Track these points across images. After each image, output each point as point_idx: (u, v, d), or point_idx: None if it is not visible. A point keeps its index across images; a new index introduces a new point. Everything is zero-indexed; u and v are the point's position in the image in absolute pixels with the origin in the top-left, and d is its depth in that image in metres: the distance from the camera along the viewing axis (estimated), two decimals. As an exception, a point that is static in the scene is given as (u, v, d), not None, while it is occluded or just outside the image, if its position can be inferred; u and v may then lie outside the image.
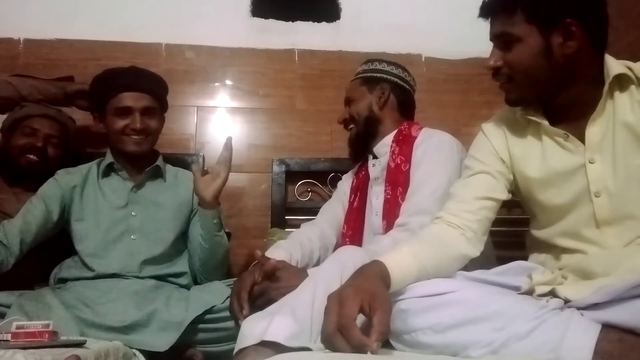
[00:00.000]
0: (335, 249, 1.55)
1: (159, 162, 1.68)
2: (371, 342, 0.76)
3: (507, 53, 1.09)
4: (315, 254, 1.49)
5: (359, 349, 0.76)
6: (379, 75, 1.61)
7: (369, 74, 1.63)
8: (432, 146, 1.46)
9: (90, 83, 1.66)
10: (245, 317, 1.15)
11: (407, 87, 1.64)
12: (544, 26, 1.04)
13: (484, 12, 1.13)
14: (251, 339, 0.95)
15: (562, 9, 1.03)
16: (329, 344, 0.79)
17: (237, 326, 1.09)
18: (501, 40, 1.10)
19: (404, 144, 1.51)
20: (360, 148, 1.62)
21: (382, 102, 1.58)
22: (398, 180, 1.46)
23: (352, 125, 1.61)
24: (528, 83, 1.09)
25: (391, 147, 1.53)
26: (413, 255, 1.00)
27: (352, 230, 1.57)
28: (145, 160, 1.65)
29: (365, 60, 1.68)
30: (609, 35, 1.08)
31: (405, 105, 1.63)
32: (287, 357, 0.84)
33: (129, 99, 1.58)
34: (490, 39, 1.14)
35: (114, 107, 1.58)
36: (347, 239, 1.55)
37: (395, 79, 1.61)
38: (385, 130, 1.58)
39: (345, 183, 1.72)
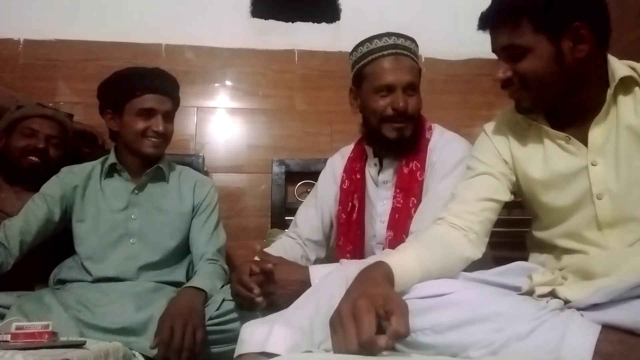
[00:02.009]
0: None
1: (162, 163, 1.64)
2: (386, 340, 0.75)
3: (517, 64, 1.06)
4: (299, 262, 1.43)
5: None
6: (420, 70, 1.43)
7: (417, 66, 1.42)
8: (450, 159, 1.34)
9: (110, 77, 1.61)
10: (258, 295, 1.16)
11: None
12: (553, 33, 1.02)
13: (485, 24, 1.09)
14: (250, 346, 0.93)
15: (569, 13, 1.01)
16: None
17: (248, 311, 1.08)
18: (507, 52, 1.07)
19: (418, 147, 1.39)
20: (405, 148, 1.40)
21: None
22: (412, 190, 1.35)
23: (408, 123, 1.37)
24: (542, 91, 1.07)
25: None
26: (417, 257, 0.99)
27: (353, 245, 1.44)
28: (149, 161, 1.62)
29: (410, 37, 1.42)
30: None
31: None
32: (288, 357, 0.84)
33: (154, 101, 1.55)
34: (494, 51, 1.11)
35: (137, 107, 1.54)
36: (348, 255, 1.42)
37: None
38: None
39: (330, 186, 1.55)
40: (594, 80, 1.06)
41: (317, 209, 1.55)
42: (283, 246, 1.47)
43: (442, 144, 1.39)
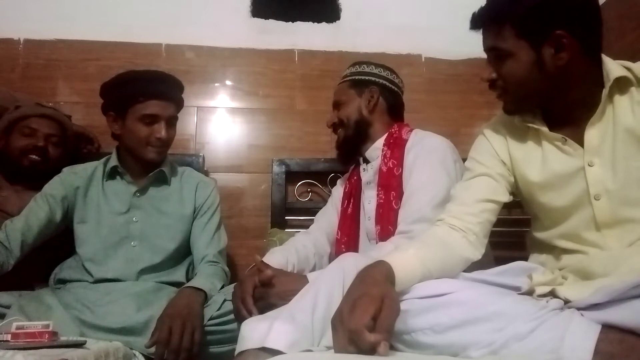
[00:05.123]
0: (330, 256, 1.58)
1: (164, 166, 1.63)
2: (378, 341, 0.75)
3: (500, 66, 1.09)
4: (311, 260, 1.50)
5: (371, 351, 0.76)
6: (367, 78, 1.60)
7: (357, 77, 1.61)
8: (424, 150, 1.45)
9: (114, 80, 1.58)
10: None
11: (396, 89, 1.62)
12: (534, 40, 1.03)
13: (474, 25, 1.12)
14: (251, 342, 0.94)
15: (551, 21, 1.02)
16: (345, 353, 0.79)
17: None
18: (493, 54, 1.10)
19: (395, 147, 1.50)
20: (350, 152, 1.61)
21: (372, 105, 1.57)
22: (391, 184, 1.46)
23: (340, 129, 1.60)
24: (522, 95, 1.10)
25: (382, 150, 1.52)
26: (418, 258, 0.99)
27: (347, 237, 1.55)
28: (151, 165, 1.60)
29: (353, 63, 1.67)
30: (609, 36, 1.07)
31: (394, 108, 1.61)
32: (288, 357, 0.85)
33: (157, 107, 1.54)
34: (484, 50, 1.14)
35: (140, 113, 1.52)
36: (343, 246, 1.54)
37: (384, 82, 1.60)
38: (375, 134, 1.57)
39: (339, 189, 1.72)
40: (583, 83, 1.06)
41: (332, 205, 1.70)
42: (294, 245, 1.51)
43: (417, 142, 1.49)
